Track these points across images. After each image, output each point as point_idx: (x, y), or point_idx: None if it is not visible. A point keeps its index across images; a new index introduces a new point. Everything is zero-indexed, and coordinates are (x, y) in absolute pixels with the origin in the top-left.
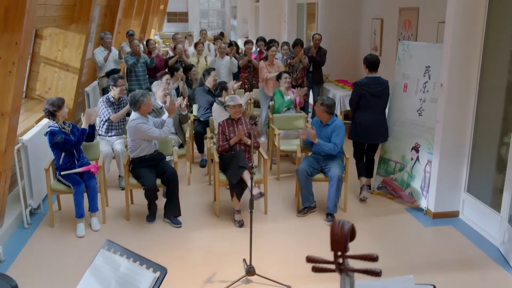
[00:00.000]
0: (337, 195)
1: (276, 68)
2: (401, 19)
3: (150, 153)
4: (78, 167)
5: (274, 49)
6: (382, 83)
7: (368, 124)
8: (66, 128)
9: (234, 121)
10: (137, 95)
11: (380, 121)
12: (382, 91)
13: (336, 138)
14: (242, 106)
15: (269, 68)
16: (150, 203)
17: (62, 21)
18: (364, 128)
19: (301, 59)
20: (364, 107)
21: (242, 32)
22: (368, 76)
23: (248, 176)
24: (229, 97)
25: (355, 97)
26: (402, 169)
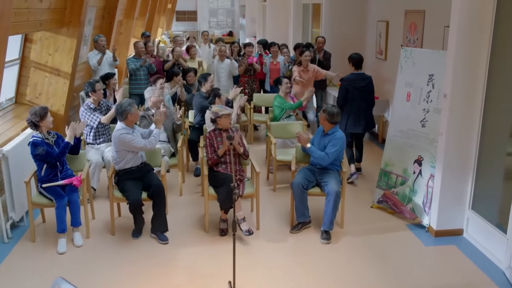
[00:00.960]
0: (334, 211)
1: (311, 74)
2: (407, 22)
3: (136, 165)
4: (61, 179)
5: (307, 54)
6: (366, 78)
7: (356, 115)
8: (50, 139)
9: (222, 130)
10: (123, 104)
11: (366, 112)
12: (366, 85)
13: (330, 148)
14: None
15: (302, 74)
16: (135, 218)
17: (50, 25)
18: (353, 119)
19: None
20: (351, 100)
21: (251, 31)
22: (354, 73)
23: (239, 206)
24: (219, 107)
25: (343, 92)
26: (404, 183)
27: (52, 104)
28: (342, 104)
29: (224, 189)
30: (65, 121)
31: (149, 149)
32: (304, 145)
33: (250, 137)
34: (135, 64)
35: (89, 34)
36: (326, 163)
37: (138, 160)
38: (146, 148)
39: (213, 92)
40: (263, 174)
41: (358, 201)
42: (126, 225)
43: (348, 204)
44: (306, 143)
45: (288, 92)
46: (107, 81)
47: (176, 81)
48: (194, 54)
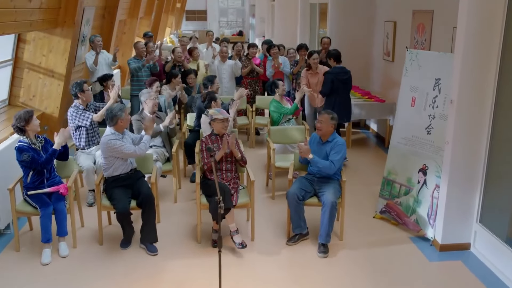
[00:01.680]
0: (330, 223)
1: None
2: (415, 23)
3: (125, 172)
4: (47, 186)
5: (316, 57)
6: (347, 72)
7: (341, 106)
8: (37, 144)
9: (219, 136)
10: (114, 109)
11: (347, 103)
12: (348, 78)
13: (335, 156)
14: (228, 120)
15: (311, 78)
16: (123, 228)
17: (43, 25)
18: (338, 110)
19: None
20: (336, 92)
21: (260, 31)
22: (336, 66)
23: (232, 218)
24: (216, 110)
25: (329, 84)
26: (408, 193)
27: (46, 106)
28: (327, 95)
29: (215, 199)
30: (60, 124)
31: (138, 155)
32: (306, 156)
33: (252, 141)
34: (136, 64)
35: (87, 34)
36: (333, 171)
37: (128, 167)
38: (136, 155)
39: (209, 95)
40: (262, 180)
41: (360, 210)
42: (115, 234)
43: (349, 214)
44: (308, 154)
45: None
46: (104, 82)
47: (175, 83)
48: (197, 56)
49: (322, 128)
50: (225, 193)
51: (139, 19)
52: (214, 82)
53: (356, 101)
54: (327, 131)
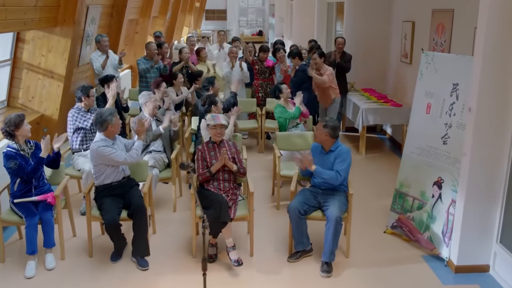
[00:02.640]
0: (334, 240)
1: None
2: (434, 23)
3: (117, 180)
4: (35, 195)
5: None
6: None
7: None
8: (26, 151)
9: (216, 144)
10: (104, 113)
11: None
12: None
13: (340, 165)
14: (224, 127)
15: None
16: (113, 240)
17: (39, 24)
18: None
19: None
20: (306, 88)
21: (280, 30)
22: (303, 63)
23: (229, 232)
24: (211, 116)
25: (300, 80)
26: (421, 207)
27: (45, 108)
28: (296, 90)
29: (212, 211)
30: (59, 126)
31: (130, 163)
32: (309, 168)
33: (261, 146)
34: (146, 65)
35: (92, 34)
36: (339, 182)
37: (120, 175)
38: (127, 163)
39: (209, 99)
40: (268, 189)
41: (370, 224)
42: (107, 245)
43: (357, 228)
44: (310, 165)
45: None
46: (106, 84)
47: (177, 85)
48: (204, 57)
49: (317, 137)
50: (222, 206)
51: (151, 18)
52: (214, 83)
53: (371, 105)
54: (322, 140)
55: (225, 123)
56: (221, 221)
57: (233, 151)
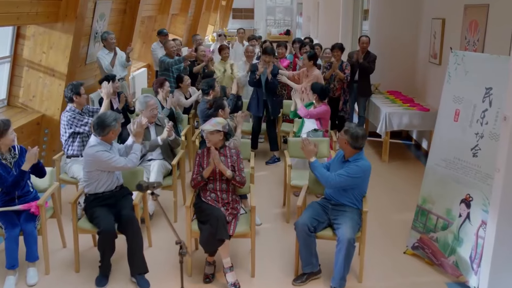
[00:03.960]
0: (345, 264)
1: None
2: (467, 20)
3: (110, 189)
4: (18, 203)
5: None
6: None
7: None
8: (9, 159)
9: (217, 149)
10: (108, 118)
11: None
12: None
13: (341, 171)
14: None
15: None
16: (103, 256)
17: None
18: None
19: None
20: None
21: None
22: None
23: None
24: (214, 121)
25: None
26: (446, 228)
27: (46, 108)
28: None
29: (208, 227)
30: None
31: (130, 168)
32: (308, 158)
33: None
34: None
35: (101, 31)
36: (329, 185)
37: (114, 184)
38: (127, 168)
39: (216, 102)
40: (279, 199)
41: (388, 243)
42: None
43: (373, 246)
44: (310, 156)
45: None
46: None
47: (185, 87)
48: (226, 57)
49: (338, 142)
50: (219, 221)
51: (170, 15)
52: (214, 87)
53: (396, 109)
54: (342, 147)
55: (214, 129)
56: (217, 239)
57: (234, 159)
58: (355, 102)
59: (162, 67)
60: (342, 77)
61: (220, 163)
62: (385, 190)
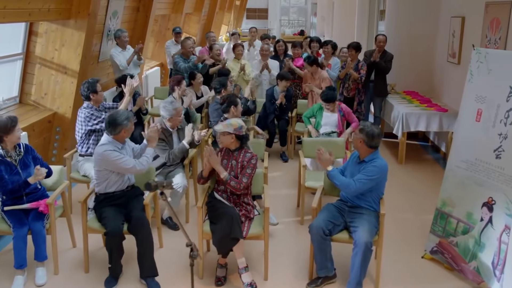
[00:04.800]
0: (362, 268)
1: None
2: (488, 18)
3: (121, 189)
4: (26, 202)
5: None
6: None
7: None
8: (14, 157)
9: (231, 151)
10: (120, 116)
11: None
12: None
13: (360, 175)
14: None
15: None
16: (111, 257)
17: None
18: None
19: (351, 72)
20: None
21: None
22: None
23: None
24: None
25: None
26: (467, 232)
27: (58, 105)
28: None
29: (220, 227)
30: (72, 126)
31: (138, 171)
32: (324, 167)
33: (291, 152)
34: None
35: (114, 28)
36: (351, 192)
37: (125, 184)
38: (135, 171)
39: (229, 99)
40: (293, 200)
41: (406, 247)
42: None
43: (390, 250)
44: (326, 165)
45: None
46: (123, 84)
47: (197, 85)
48: (239, 55)
49: (353, 142)
50: (233, 219)
51: (184, 14)
52: (227, 86)
53: (413, 109)
54: (357, 147)
55: (224, 130)
56: (231, 237)
57: (244, 163)
58: (371, 102)
59: (175, 67)
60: (356, 77)
61: (216, 163)
62: (402, 192)
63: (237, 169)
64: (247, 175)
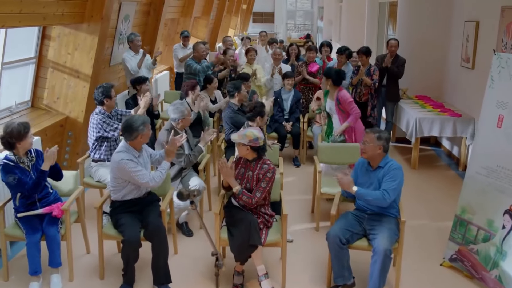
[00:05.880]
0: (381, 277)
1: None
2: (504, 22)
3: (138, 196)
4: (40, 207)
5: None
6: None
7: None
8: (26, 163)
9: (249, 161)
10: (136, 122)
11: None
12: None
13: (389, 183)
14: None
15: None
16: (127, 265)
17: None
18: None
19: (363, 78)
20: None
21: (328, 34)
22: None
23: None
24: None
25: None
26: (488, 239)
27: (70, 110)
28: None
29: (239, 233)
30: (84, 130)
31: (151, 187)
32: (348, 190)
33: (303, 157)
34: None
35: (125, 32)
36: (387, 203)
37: (143, 191)
38: (148, 186)
39: (256, 109)
40: (307, 206)
41: (423, 254)
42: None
43: (408, 259)
44: (350, 187)
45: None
46: (138, 86)
47: (212, 89)
48: (252, 59)
49: (367, 151)
50: (251, 226)
51: (193, 18)
52: (240, 89)
53: (426, 114)
54: (373, 155)
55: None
56: (250, 244)
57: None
58: (383, 107)
59: (188, 70)
60: (369, 83)
61: (229, 176)
62: (417, 198)
63: (252, 181)
64: (261, 189)
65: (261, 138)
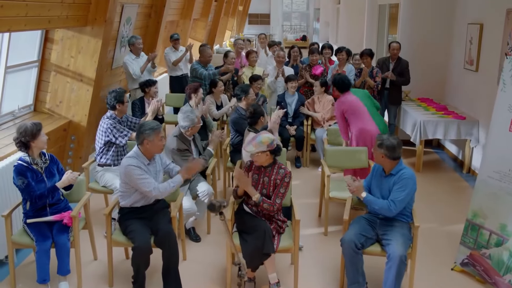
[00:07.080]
0: (396, 282)
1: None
2: (509, 24)
3: (148, 203)
4: (50, 214)
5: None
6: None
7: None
8: (40, 164)
9: (263, 168)
10: (145, 125)
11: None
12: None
13: (397, 194)
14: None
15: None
16: (137, 272)
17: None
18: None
19: (367, 79)
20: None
21: (324, 35)
22: None
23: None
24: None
25: None
26: (500, 244)
27: (73, 113)
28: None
29: (253, 241)
30: (87, 134)
31: (154, 197)
32: (358, 195)
33: (306, 160)
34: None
35: (127, 35)
36: (392, 214)
37: (151, 200)
38: (151, 195)
39: (255, 110)
40: (313, 210)
41: (434, 258)
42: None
43: (419, 263)
44: (360, 193)
45: None
46: (147, 89)
47: (218, 93)
48: (253, 61)
49: (374, 157)
50: (266, 234)
51: (192, 20)
52: (248, 92)
53: (430, 117)
54: (380, 162)
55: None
56: (263, 253)
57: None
58: (385, 109)
59: (193, 74)
60: (372, 85)
61: (247, 185)
62: (423, 201)
63: (269, 187)
64: (281, 196)
65: (275, 139)
